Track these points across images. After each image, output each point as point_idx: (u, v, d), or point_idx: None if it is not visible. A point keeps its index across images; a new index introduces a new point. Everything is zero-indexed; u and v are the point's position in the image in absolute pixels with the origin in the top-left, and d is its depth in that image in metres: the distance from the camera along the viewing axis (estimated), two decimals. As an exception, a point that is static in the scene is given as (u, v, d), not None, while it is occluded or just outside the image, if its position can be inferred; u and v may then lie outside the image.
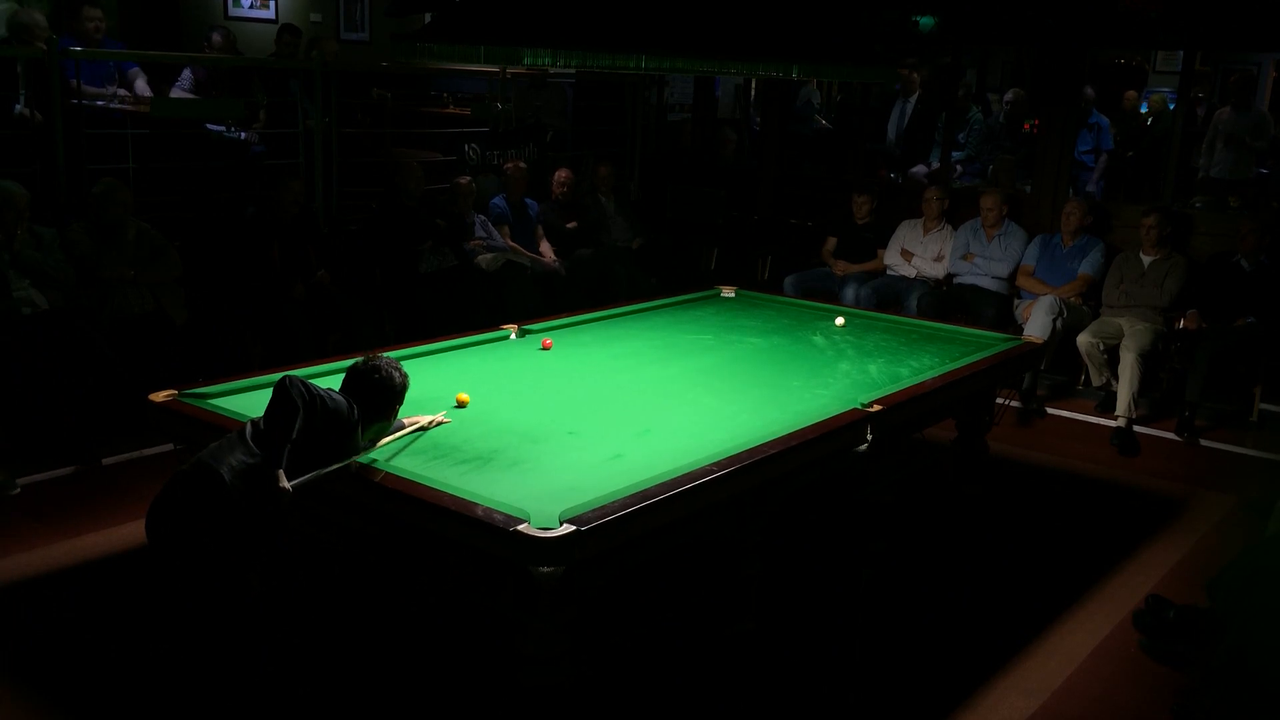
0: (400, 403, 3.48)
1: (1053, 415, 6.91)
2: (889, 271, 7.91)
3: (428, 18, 4.16)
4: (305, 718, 3.42)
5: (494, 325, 5.15)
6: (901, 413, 4.25)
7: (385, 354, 3.54)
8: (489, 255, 7.39)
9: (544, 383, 4.45)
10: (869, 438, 4.02)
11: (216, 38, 7.95)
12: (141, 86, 7.21)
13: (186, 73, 7.51)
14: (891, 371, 4.75)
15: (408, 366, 4.51)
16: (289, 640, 3.65)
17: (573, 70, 8.76)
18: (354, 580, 4.12)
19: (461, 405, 4.00)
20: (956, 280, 7.61)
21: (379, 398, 3.38)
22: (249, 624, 3.11)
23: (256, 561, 3.06)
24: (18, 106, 6.23)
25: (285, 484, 3.00)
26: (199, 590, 3.06)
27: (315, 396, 3.12)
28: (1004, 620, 4.27)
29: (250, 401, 3.87)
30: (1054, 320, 6.78)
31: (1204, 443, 6.48)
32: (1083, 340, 6.77)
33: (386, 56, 8.84)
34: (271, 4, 10.76)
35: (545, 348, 4.90)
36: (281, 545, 3.14)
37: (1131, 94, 11.29)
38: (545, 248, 7.96)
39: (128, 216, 5.88)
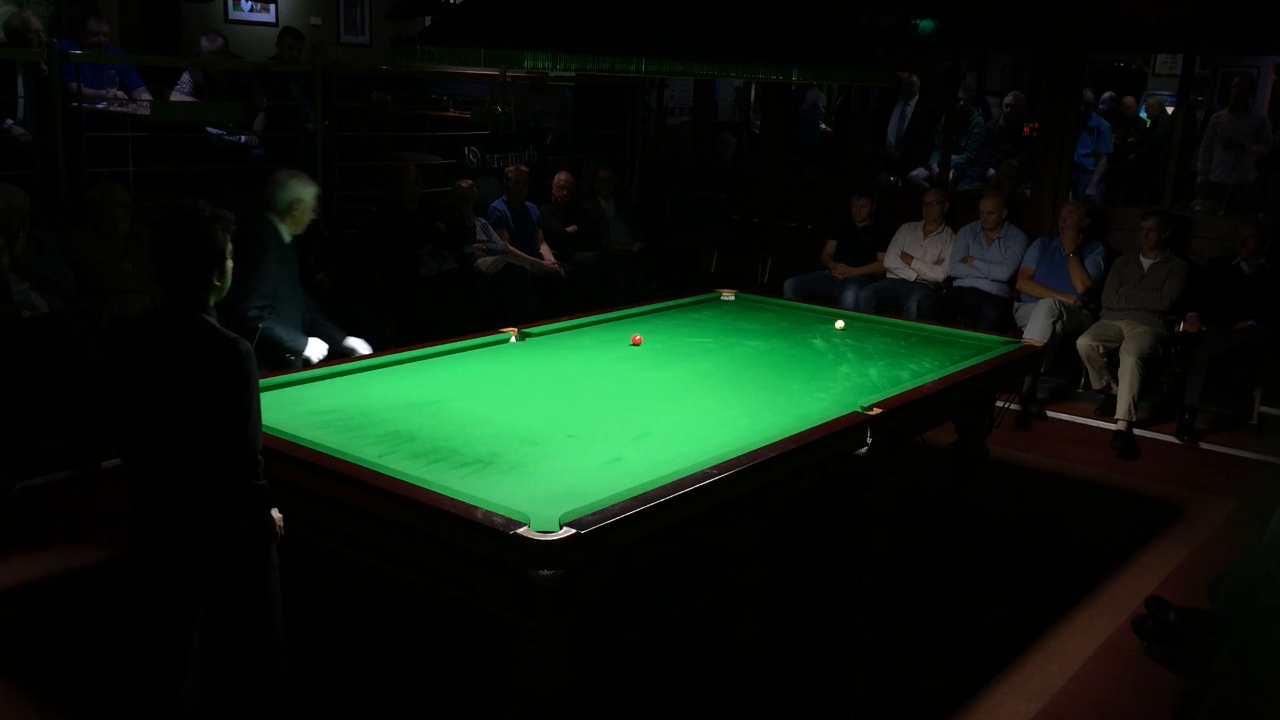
0: (224, 247, 2.80)
1: (1053, 418, 6.90)
2: (889, 274, 7.91)
3: (428, 21, 4.16)
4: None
5: (494, 329, 5.15)
6: (901, 416, 4.25)
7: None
8: (489, 258, 7.40)
9: (544, 386, 4.45)
10: (869, 441, 4.02)
11: (204, 43, 7.97)
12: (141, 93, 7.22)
13: (186, 76, 7.51)
14: (891, 375, 4.75)
15: (408, 369, 4.56)
16: (287, 642, 3.64)
17: (573, 74, 8.78)
18: (353, 583, 4.13)
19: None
20: (956, 283, 7.61)
21: (211, 253, 2.76)
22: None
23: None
24: (9, 122, 6.24)
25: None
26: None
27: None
28: (1004, 624, 4.26)
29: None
30: (1054, 323, 6.78)
31: (1204, 446, 6.48)
32: (1082, 343, 6.77)
33: (387, 60, 8.84)
34: (271, 7, 10.78)
35: (635, 344, 5.04)
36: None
37: (1130, 100, 11.31)
38: (545, 251, 7.96)
39: (127, 219, 5.88)
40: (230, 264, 2.83)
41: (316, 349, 4.93)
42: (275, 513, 2.88)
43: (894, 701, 3.72)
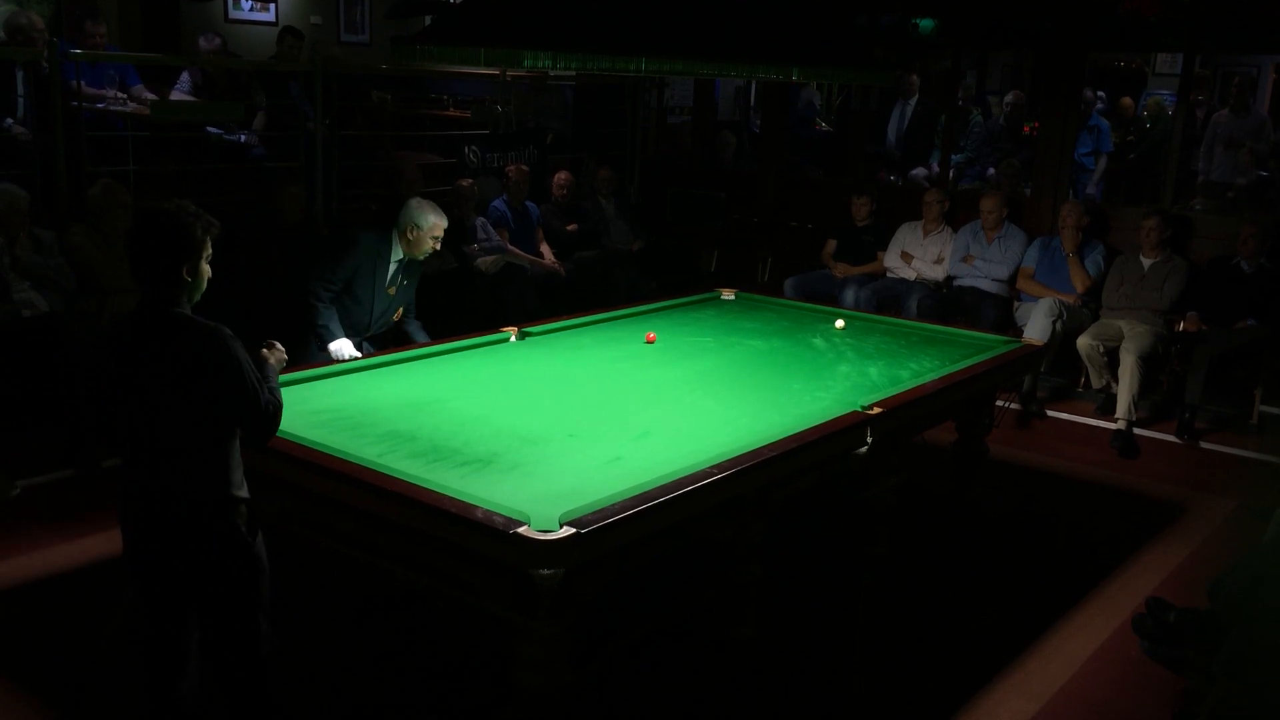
0: (203, 241, 2.82)
1: (1053, 418, 6.90)
2: (889, 274, 7.91)
3: (428, 20, 4.16)
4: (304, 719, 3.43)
5: (494, 328, 5.15)
6: (901, 415, 4.25)
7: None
8: (489, 258, 7.40)
9: (544, 385, 4.45)
10: (869, 440, 4.02)
11: (202, 43, 7.97)
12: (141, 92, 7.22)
13: (185, 76, 7.51)
14: (891, 374, 4.75)
15: (407, 369, 4.56)
16: (287, 642, 3.64)
17: (573, 73, 8.78)
18: (353, 582, 4.13)
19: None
20: (956, 283, 7.61)
21: (184, 246, 2.76)
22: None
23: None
24: (10, 121, 6.24)
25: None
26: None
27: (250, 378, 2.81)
28: (1004, 623, 4.26)
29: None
30: (1054, 322, 6.78)
31: (1204, 445, 6.48)
32: (1083, 342, 6.78)
33: (387, 59, 8.84)
34: (271, 7, 10.77)
35: (649, 341, 5.07)
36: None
37: (1127, 100, 11.31)
38: (545, 250, 7.96)
39: (127, 218, 5.88)
40: (206, 266, 2.83)
41: (345, 348, 4.94)
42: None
43: (894, 701, 3.72)
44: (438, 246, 5.22)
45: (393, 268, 5.19)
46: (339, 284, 5.07)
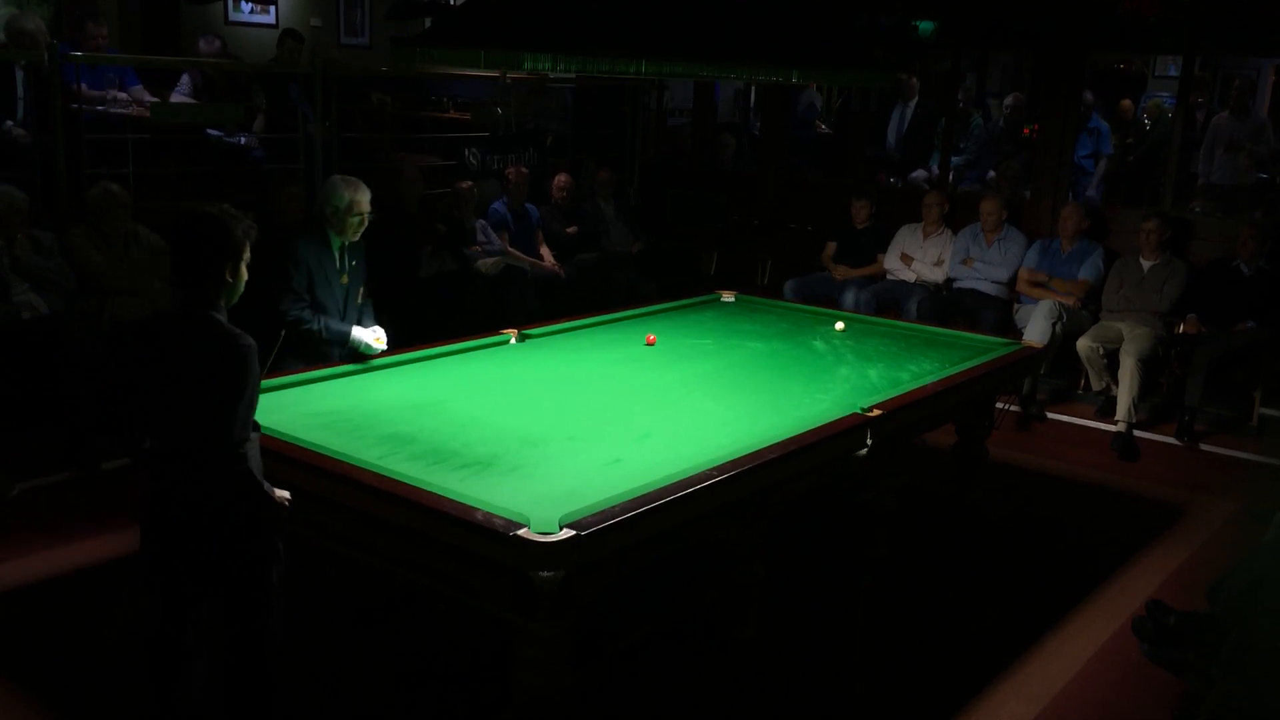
0: (240, 246, 2.85)
1: (1053, 420, 6.90)
2: (889, 276, 7.92)
3: (428, 22, 4.16)
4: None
5: (494, 330, 5.15)
6: (901, 418, 4.25)
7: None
8: (489, 260, 7.40)
9: (544, 387, 4.45)
10: (869, 442, 4.02)
11: (202, 45, 7.97)
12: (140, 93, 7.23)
13: (185, 78, 7.51)
14: (891, 376, 4.75)
15: (407, 371, 4.56)
16: (288, 643, 3.64)
17: (573, 75, 8.78)
18: (354, 584, 4.13)
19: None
20: (956, 285, 7.62)
21: (226, 247, 2.81)
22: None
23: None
24: (9, 123, 6.24)
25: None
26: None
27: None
28: (1004, 625, 4.26)
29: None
30: (1053, 325, 6.79)
31: (1204, 447, 6.48)
32: (1082, 345, 6.78)
33: (387, 61, 8.84)
34: (271, 9, 10.78)
35: (649, 343, 5.09)
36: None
37: (1127, 103, 11.32)
38: (545, 252, 7.97)
39: (127, 220, 5.89)
40: (245, 267, 2.88)
41: (363, 333, 4.89)
42: (279, 491, 2.92)
43: (894, 703, 3.72)
44: (366, 221, 5.07)
45: (337, 256, 5.12)
46: (306, 296, 4.98)
